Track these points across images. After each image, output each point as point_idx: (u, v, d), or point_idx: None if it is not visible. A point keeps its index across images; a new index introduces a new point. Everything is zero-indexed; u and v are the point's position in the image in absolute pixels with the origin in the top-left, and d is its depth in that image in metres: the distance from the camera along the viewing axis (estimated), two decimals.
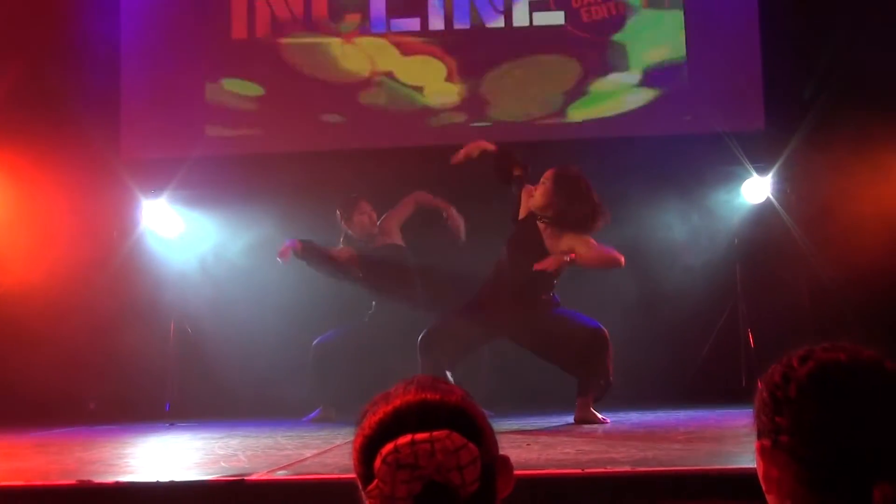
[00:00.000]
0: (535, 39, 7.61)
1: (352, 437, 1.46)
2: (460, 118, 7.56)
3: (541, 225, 5.84)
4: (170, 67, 7.72)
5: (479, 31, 7.63)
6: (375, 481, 1.36)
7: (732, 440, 4.43)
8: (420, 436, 1.35)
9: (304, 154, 7.50)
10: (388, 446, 1.36)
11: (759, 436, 1.50)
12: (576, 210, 5.70)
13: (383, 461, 1.35)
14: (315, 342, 6.66)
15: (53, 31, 7.49)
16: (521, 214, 5.95)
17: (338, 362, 6.54)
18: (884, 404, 1.42)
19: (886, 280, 6.85)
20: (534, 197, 5.83)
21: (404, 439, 1.36)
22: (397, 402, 1.43)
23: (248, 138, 7.65)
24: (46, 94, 7.36)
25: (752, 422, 1.53)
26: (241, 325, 7.23)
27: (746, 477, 3.04)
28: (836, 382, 1.44)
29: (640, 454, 3.92)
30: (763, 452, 1.48)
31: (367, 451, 1.41)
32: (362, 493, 1.40)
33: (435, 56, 7.63)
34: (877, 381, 1.44)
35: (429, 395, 1.44)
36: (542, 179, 5.84)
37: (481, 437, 1.42)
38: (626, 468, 3.44)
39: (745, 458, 3.50)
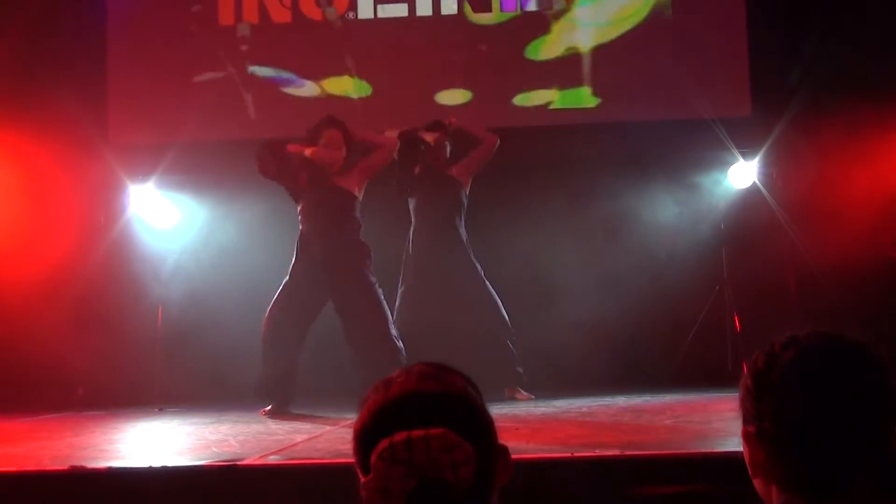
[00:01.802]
0: (523, 26, 7.61)
1: (340, 424, 1.49)
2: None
3: None
4: (158, 51, 7.69)
5: (466, 18, 7.62)
6: (371, 475, 1.39)
7: (719, 424, 4.47)
8: (416, 433, 1.37)
9: (293, 139, 7.48)
10: (384, 442, 1.38)
11: (744, 422, 1.53)
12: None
13: (379, 457, 1.38)
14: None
15: (39, 13, 7.44)
16: None
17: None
18: (864, 390, 1.44)
19: (871, 264, 6.90)
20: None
21: (400, 436, 1.38)
22: (397, 392, 1.45)
23: (237, 123, 7.63)
24: (33, 77, 7.33)
25: (738, 407, 1.55)
26: (230, 310, 7.23)
27: (733, 461, 3.08)
28: (817, 369, 1.46)
29: (628, 438, 3.96)
30: (748, 438, 1.51)
31: (364, 440, 1.43)
32: (361, 480, 1.43)
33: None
34: (858, 367, 1.46)
35: (429, 386, 1.45)
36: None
37: (479, 431, 1.44)
38: (615, 452, 3.48)
39: (732, 441, 3.54)
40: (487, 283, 6.48)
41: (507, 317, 6.45)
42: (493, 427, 1.48)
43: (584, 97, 7.53)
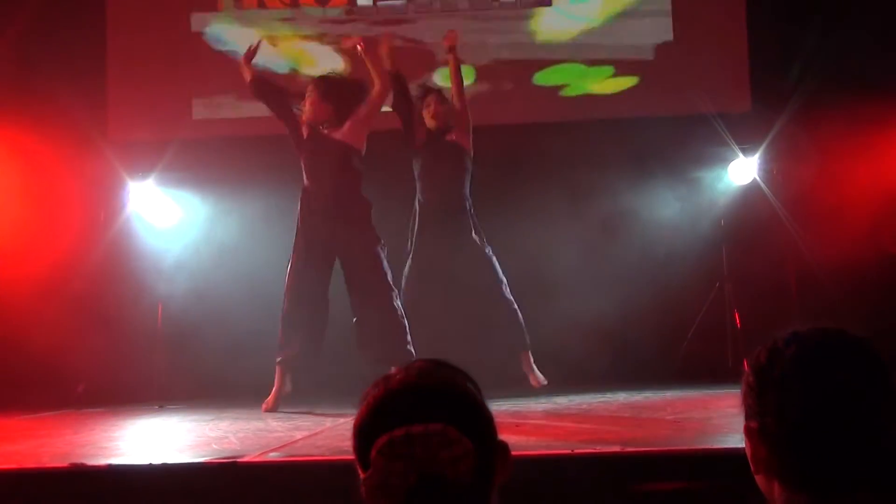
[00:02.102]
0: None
1: (340, 421, 1.49)
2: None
3: None
4: (158, 47, 7.68)
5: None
6: (371, 470, 1.38)
7: (720, 420, 4.47)
8: (416, 429, 1.37)
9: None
10: (384, 438, 1.38)
11: (747, 418, 1.52)
12: None
13: (379, 452, 1.37)
14: None
15: (39, 10, 7.43)
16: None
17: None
18: (866, 387, 1.43)
19: (872, 261, 6.90)
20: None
21: (399, 432, 1.38)
22: (396, 388, 1.45)
23: (237, 120, 7.62)
24: (32, 73, 7.31)
25: (740, 403, 1.55)
26: (230, 307, 7.23)
27: (734, 457, 3.07)
28: (819, 365, 1.45)
29: (629, 434, 3.95)
30: (750, 434, 1.50)
31: (363, 436, 1.43)
32: (360, 476, 1.42)
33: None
34: (860, 364, 1.46)
35: (428, 382, 1.45)
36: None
37: (479, 427, 1.44)
38: (616, 448, 3.47)
39: (733, 438, 3.53)
40: (493, 260, 6.47)
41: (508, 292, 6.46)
42: (492, 423, 1.48)
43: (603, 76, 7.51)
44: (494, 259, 6.46)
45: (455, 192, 6.48)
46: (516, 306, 6.44)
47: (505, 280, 6.46)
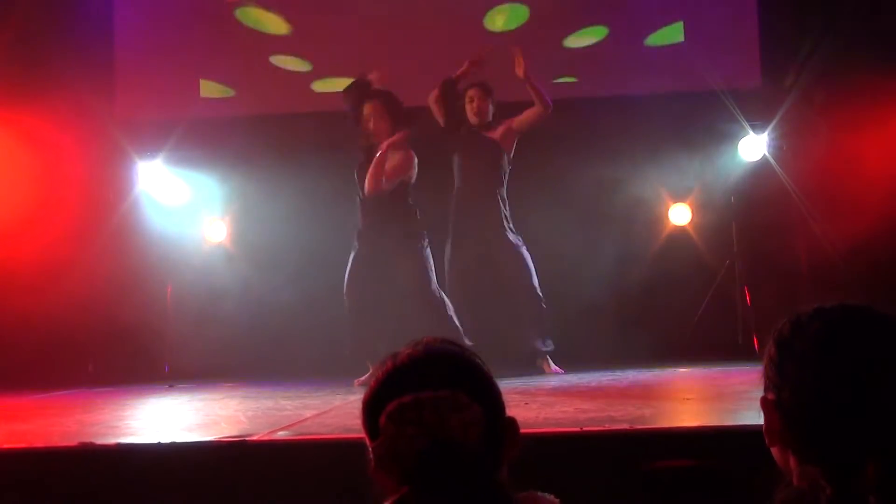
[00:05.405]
0: None
1: (349, 399, 1.49)
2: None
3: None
4: (165, 27, 7.66)
5: None
6: (381, 438, 1.37)
7: (730, 398, 4.46)
8: (425, 394, 1.37)
9: (299, 115, 7.47)
10: (393, 404, 1.37)
11: (765, 389, 1.52)
12: None
13: (388, 418, 1.37)
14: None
15: None
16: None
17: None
18: (887, 363, 1.42)
19: (883, 237, 6.86)
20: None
21: (409, 397, 1.37)
22: (404, 360, 1.45)
23: (245, 98, 7.60)
24: (38, 54, 7.30)
25: (759, 375, 1.54)
26: (239, 286, 7.24)
27: (744, 434, 3.07)
28: (840, 341, 1.45)
29: (638, 412, 3.94)
30: (767, 405, 1.50)
31: (372, 407, 1.43)
32: (369, 447, 1.42)
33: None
34: (882, 343, 1.44)
35: (435, 354, 1.45)
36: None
37: (487, 398, 1.43)
38: (625, 426, 3.46)
39: (742, 415, 3.53)
40: (524, 254, 6.46)
41: (538, 290, 6.44)
42: (500, 396, 1.48)
43: None
44: (527, 257, 6.46)
45: (487, 192, 6.48)
46: (543, 305, 6.45)
47: (535, 279, 6.45)
